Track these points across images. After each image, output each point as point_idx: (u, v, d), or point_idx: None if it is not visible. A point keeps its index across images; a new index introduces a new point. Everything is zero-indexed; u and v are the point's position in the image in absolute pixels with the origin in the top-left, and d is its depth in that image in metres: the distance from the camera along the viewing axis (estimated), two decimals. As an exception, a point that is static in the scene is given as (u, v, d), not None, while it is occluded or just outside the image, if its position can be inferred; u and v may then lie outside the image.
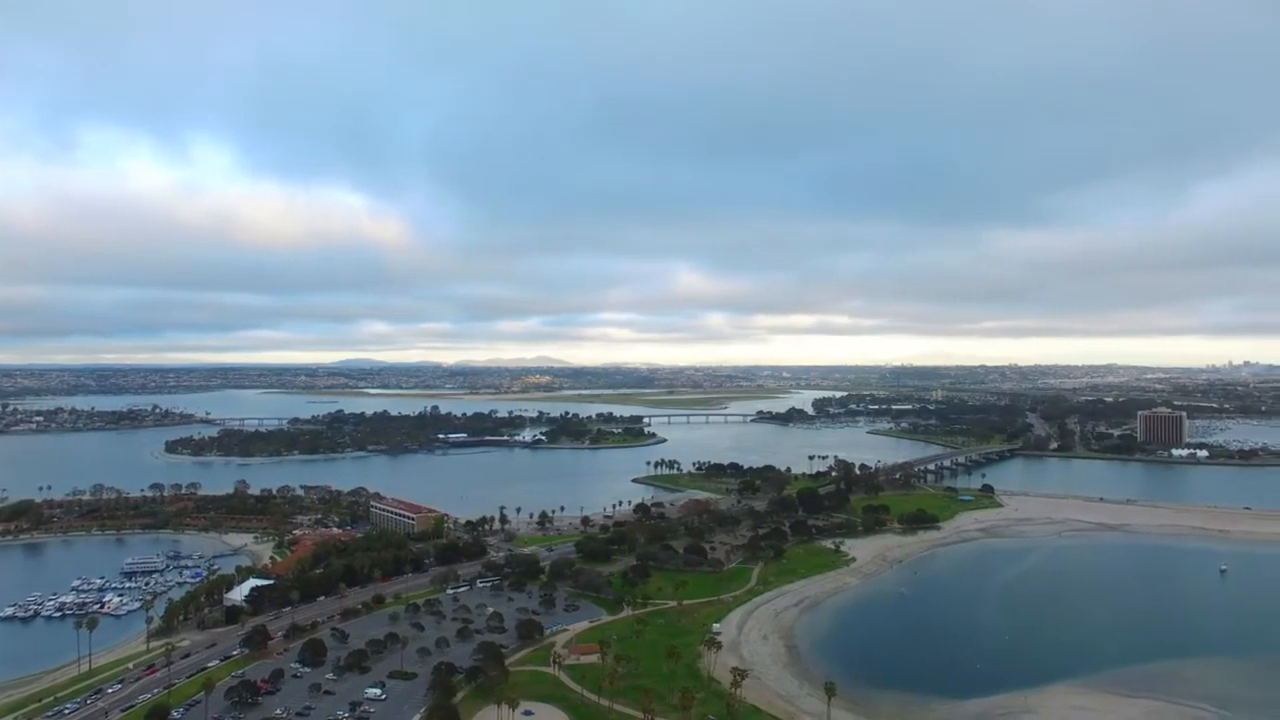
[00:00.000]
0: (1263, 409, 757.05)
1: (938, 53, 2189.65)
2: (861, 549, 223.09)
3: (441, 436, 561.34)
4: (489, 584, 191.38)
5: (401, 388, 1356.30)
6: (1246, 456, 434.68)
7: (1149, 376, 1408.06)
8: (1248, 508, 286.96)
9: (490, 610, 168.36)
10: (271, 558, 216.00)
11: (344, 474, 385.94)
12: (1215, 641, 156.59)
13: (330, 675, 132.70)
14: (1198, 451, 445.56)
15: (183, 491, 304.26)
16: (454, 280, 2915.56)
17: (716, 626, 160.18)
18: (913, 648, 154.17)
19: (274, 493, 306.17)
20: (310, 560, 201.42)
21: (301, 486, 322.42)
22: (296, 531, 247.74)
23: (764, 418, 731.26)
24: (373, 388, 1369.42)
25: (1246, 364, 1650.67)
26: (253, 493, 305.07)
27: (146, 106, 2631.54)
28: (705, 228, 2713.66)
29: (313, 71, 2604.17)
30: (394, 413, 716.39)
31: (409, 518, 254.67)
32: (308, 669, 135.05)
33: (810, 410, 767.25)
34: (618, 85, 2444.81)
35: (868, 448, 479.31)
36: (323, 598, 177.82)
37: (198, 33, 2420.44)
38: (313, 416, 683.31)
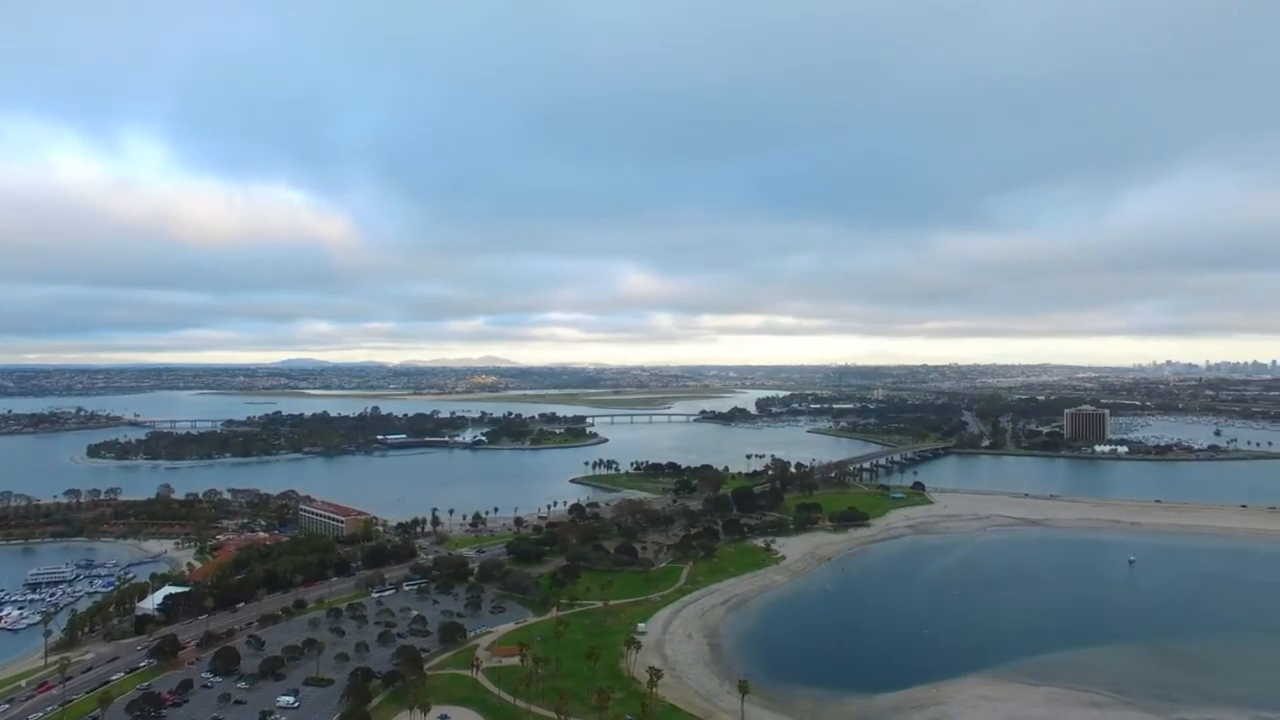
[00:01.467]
0: (1180, 406, 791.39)
1: (879, 58, 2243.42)
2: (792, 547, 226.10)
3: (380, 438, 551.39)
4: (415, 587, 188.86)
5: (344, 388, 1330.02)
6: (1162, 452, 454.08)
7: (1081, 376, 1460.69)
8: (1158, 500, 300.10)
9: (414, 613, 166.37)
10: (189, 564, 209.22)
11: (277, 477, 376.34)
12: (1119, 629, 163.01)
13: (242, 684, 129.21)
14: (1118, 447, 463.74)
15: (101, 497, 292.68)
16: (399, 279, 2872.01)
17: (642, 626, 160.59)
18: (834, 644, 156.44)
19: (200, 497, 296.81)
20: (232, 566, 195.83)
21: (229, 490, 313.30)
22: (220, 537, 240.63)
23: (707, 417, 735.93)
24: (314, 388, 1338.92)
25: (1169, 363, 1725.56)
26: (177, 497, 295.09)
27: (75, 97, 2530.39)
28: (651, 229, 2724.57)
29: (252, 66, 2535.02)
30: (334, 414, 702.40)
31: (338, 521, 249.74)
32: (219, 679, 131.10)
33: (753, 410, 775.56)
34: (563, 85, 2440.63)
35: (807, 446, 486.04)
36: (242, 604, 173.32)
37: (132, 23, 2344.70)
38: (249, 418, 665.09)
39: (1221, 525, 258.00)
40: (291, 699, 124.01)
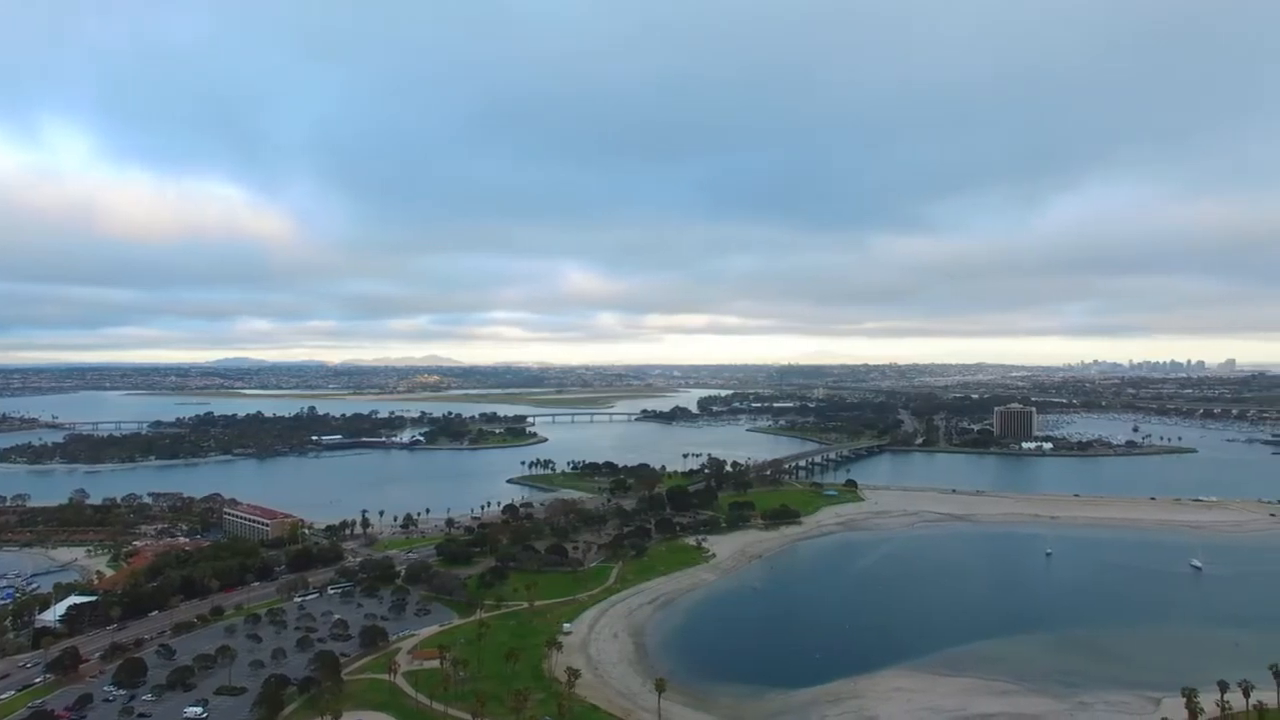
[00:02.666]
0: (1103, 404, 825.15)
1: (816, 63, 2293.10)
2: (724, 545, 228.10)
3: (315, 439, 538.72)
4: (340, 590, 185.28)
5: (282, 388, 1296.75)
6: (1084, 448, 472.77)
7: (1014, 375, 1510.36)
8: (1076, 495, 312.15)
9: (336, 617, 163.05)
10: (98, 572, 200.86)
11: (204, 480, 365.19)
12: (1032, 619, 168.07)
13: (148, 696, 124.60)
14: (1044, 444, 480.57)
15: (7, 504, 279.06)
16: (340, 277, 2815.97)
17: (568, 626, 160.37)
18: (758, 641, 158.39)
19: (118, 501, 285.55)
20: (146, 573, 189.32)
21: (149, 494, 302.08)
22: (137, 543, 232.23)
23: (648, 416, 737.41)
24: (251, 388, 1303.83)
25: (1096, 363, 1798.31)
26: (93, 503, 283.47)
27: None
28: (595, 228, 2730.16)
29: (184, 57, 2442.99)
30: (269, 414, 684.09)
31: (263, 524, 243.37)
32: (122, 691, 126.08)
33: (695, 409, 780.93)
34: (507, 83, 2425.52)
35: (746, 445, 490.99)
36: (155, 613, 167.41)
37: (54, 7, 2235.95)
38: (178, 419, 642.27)
39: (1131, 517, 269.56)
40: (200, 710, 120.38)
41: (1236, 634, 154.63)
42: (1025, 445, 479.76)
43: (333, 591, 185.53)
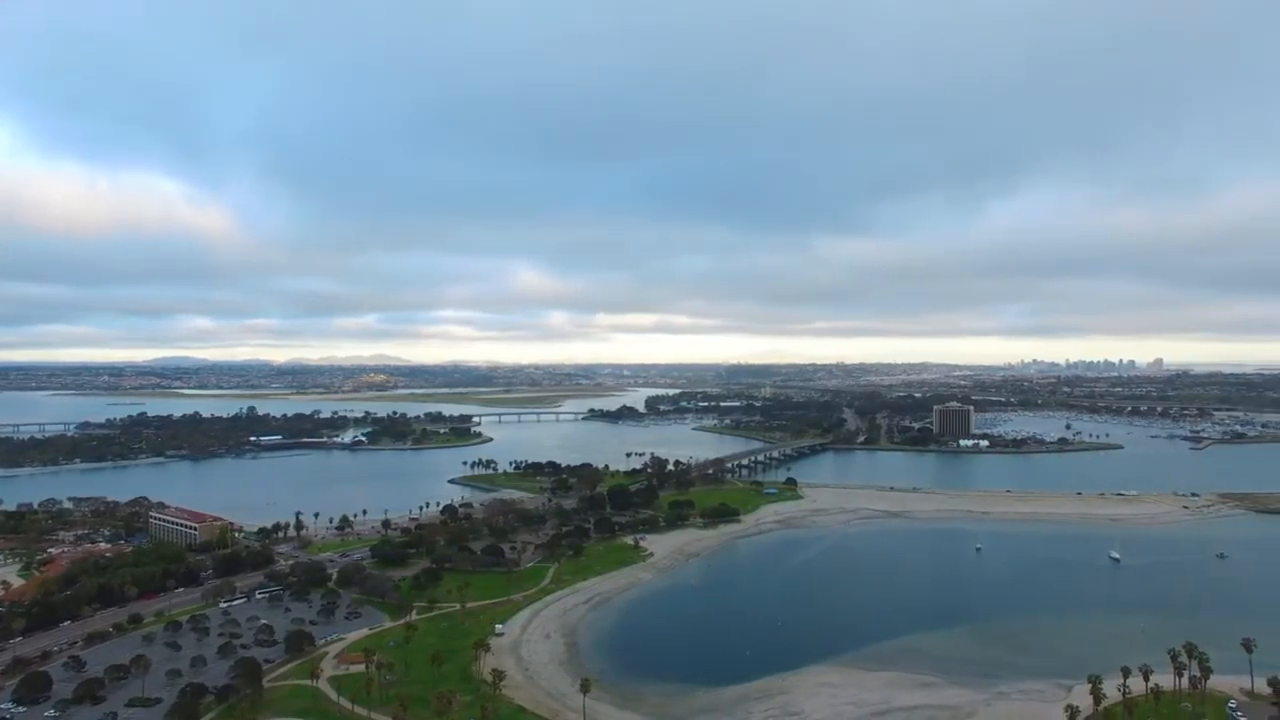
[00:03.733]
0: (1039, 402, 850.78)
1: (761, 66, 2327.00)
2: (661, 544, 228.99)
3: (253, 439, 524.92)
4: (268, 595, 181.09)
5: (222, 388, 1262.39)
6: (1018, 445, 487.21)
7: (957, 374, 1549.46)
8: (1008, 490, 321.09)
9: (262, 622, 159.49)
10: (3, 582, 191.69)
11: (133, 483, 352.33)
12: (958, 613, 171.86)
13: (51, 712, 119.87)
14: (980, 441, 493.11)
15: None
16: (285, 274, 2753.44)
17: (500, 627, 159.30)
18: (691, 639, 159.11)
19: (34, 507, 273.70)
20: (60, 581, 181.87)
21: (70, 499, 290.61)
22: (53, 550, 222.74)
23: (595, 416, 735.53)
24: (189, 388, 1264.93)
25: (1035, 362, 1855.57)
26: (6, 509, 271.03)
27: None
28: (544, 227, 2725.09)
29: (117, 46, 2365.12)
30: (207, 414, 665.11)
31: (191, 528, 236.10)
32: (23, 708, 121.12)
33: (642, 408, 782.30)
34: (453, 80, 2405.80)
35: (691, 444, 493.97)
36: (67, 623, 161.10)
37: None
38: (108, 420, 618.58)
39: (1058, 512, 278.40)
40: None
41: (1145, 621, 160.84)
42: (963, 443, 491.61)
43: (261, 596, 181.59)
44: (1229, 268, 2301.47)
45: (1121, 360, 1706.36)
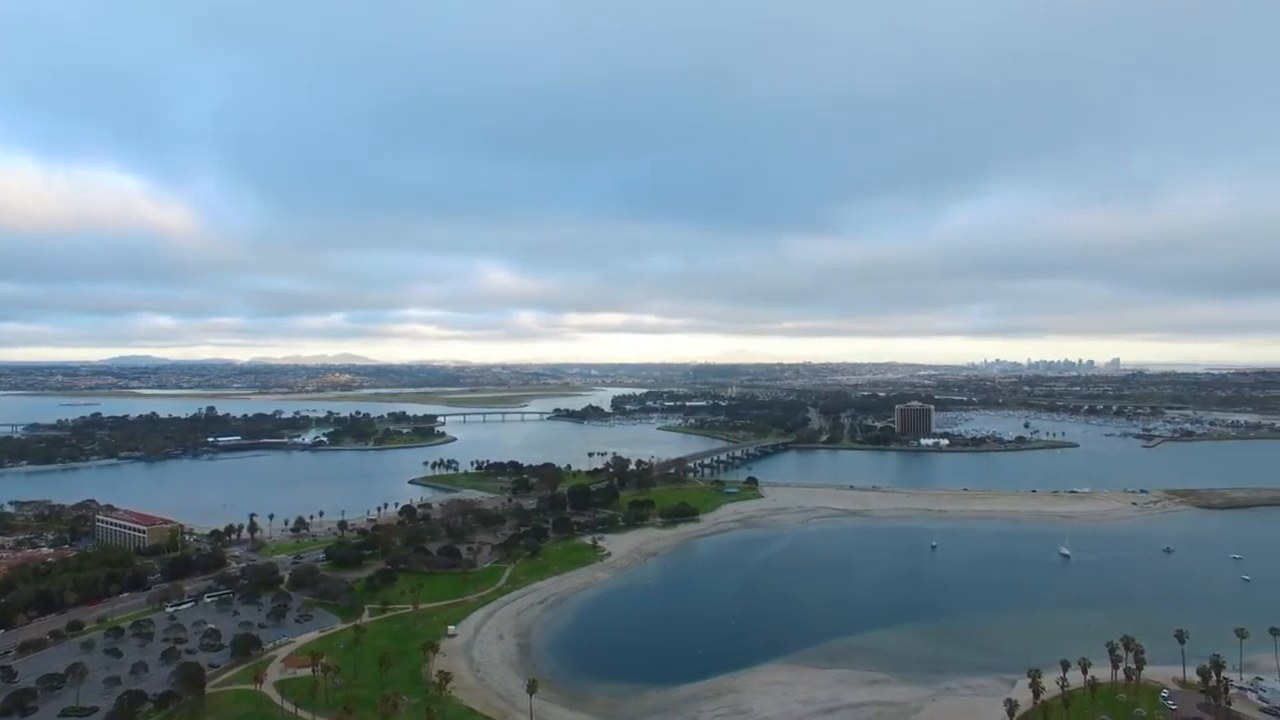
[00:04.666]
0: (1000, 401, 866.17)
1: (728, 68, 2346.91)
2: (620, 544, 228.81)
3: (211, 440, 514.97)
4: (216, 598, 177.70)
5: (182, 387, 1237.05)
6: (977, 444, 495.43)
7: (922, 373, 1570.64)
8: (965, 489, 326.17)
9: (209, 626, 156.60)
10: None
11: (82, 486, 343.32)
12: (911, 610, 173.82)
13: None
14: (940, 440, 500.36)
15: None
16: (248, 273, 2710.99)
17: (453, 628, 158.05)
18: (645, 638, 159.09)
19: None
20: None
21: (12, 503, 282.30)
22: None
23: (560, 415, 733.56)
24: (147, 388, 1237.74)
25: (998, 362, 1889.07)
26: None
27: None
28: (512, 226, 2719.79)
29: (72, 37, 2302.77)
30: (164, 415, 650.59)
31: (139, 531, 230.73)
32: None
33: (608, 408, 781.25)
34: (419, 78, 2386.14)
35: (655, 444, 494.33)
36: (1, 631, 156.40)
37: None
38: (60, 421, 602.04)
39: (1012, 509, 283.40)
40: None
41: (1091, 616, 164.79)
42: (924, 441, 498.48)
43: (209, 600, 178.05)
44: (1182, 270, 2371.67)
45: (1081, 360, 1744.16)
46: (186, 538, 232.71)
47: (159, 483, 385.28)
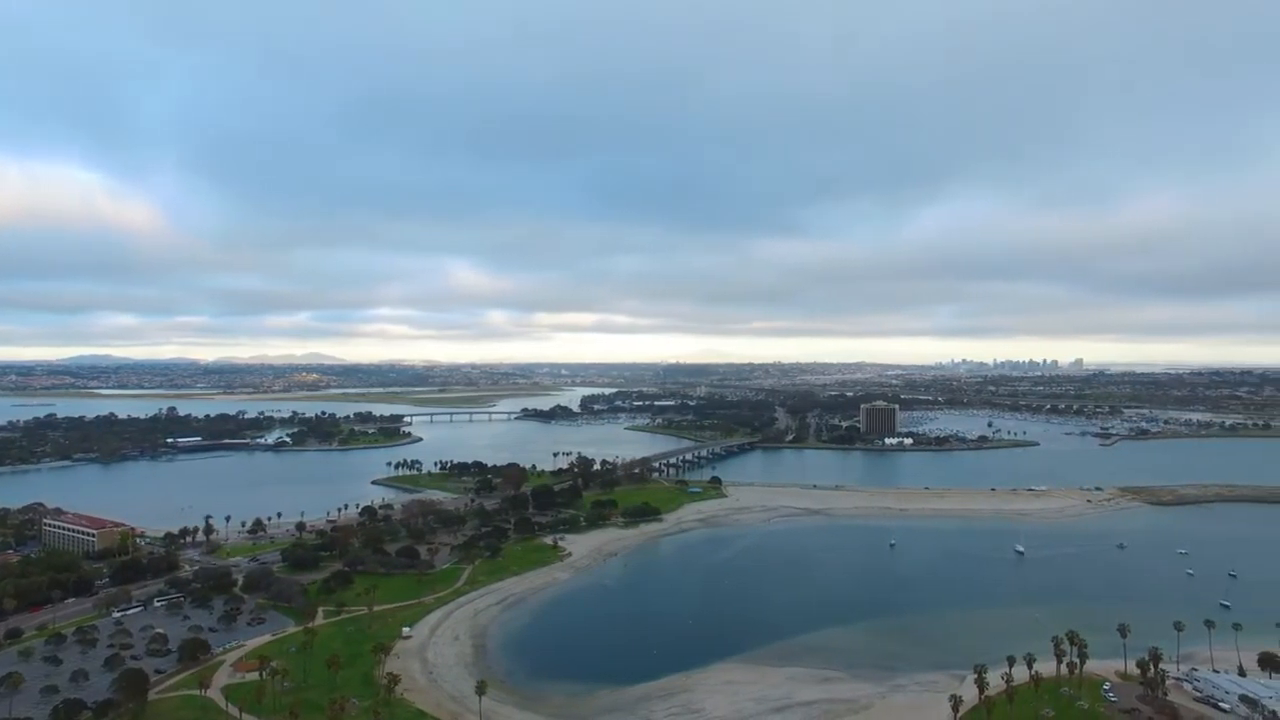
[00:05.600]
0: (965, 401, 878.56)
1: (695, 69, 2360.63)
2: (581, 544, 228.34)
3: (170, 441, 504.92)
4: (166, 602, 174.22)
5: (144, 387, 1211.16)
6: (940, 443, 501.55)
7: (890, 373, 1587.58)
8: (927, 487, 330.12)
9: (156, 631, 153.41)
10: None
11: (32, 488, 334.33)
12: (867, 608, 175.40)
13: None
14: (905, 439, 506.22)
15: None
16: (213, 271, 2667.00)
17: (408, 630, 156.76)
18: (601, 638, 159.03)
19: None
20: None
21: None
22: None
23: (529, 415, 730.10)
24: (107, 387, 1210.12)
25: (965, 361, 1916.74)
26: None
27: None
28: (481, 226, 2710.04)
29: (24, 31, 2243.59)
30: (123, 415, 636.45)
31: (89, 534, 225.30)
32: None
33: (577, 408, 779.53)
34: (385, 78, 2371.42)
35: (623, 443, 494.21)
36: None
37: None
38: (10, 422, 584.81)
39: (971, 508, 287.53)
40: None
41: (1041, 611, 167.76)
42: (888, 441, 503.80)
43: (159, 604, 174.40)
44: (1140, 273, 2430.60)
45: (1045, 360, 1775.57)
46: (139, 541, 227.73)
47: (114, 485, 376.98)
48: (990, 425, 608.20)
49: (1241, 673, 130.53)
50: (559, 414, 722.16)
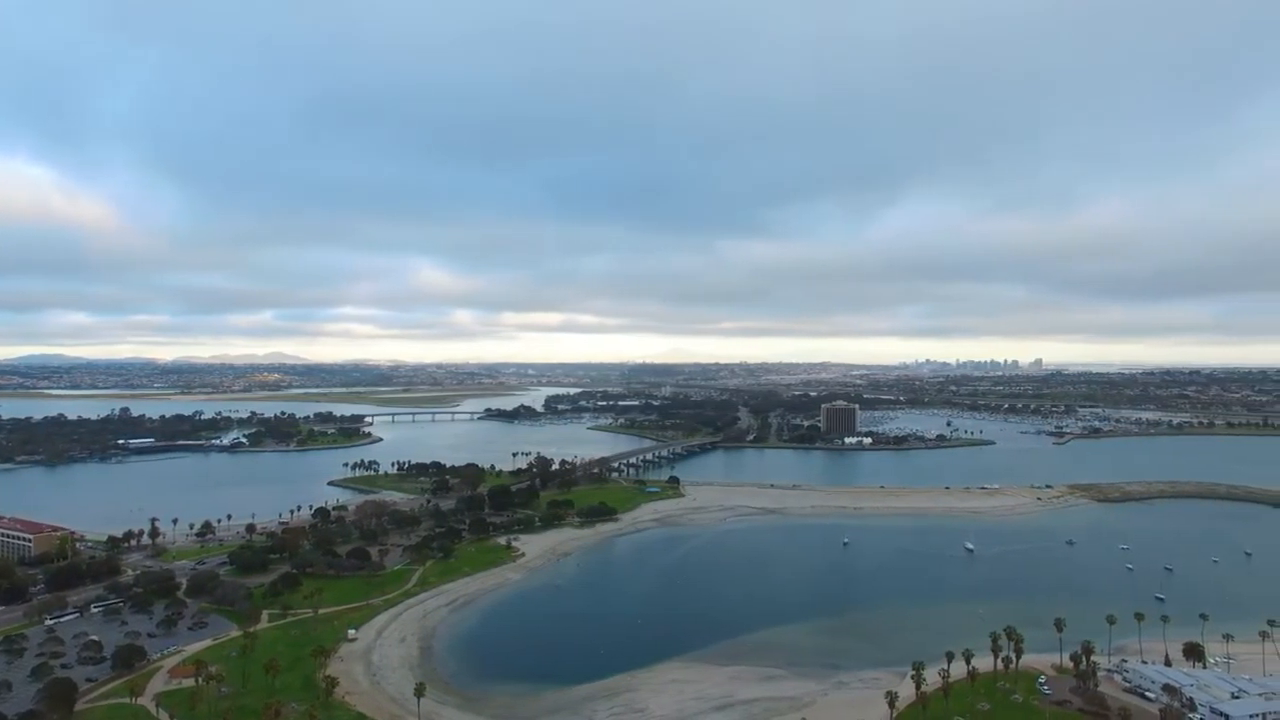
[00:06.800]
0: (926, 400, 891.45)
1: (663, 71, 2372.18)
2: (535, 544, 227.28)
3: (121, 442, 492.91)
4: (104, 608, 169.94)
5: (97, 387, 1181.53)
6: (899, 442, 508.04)
7: (855, 373, 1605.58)
8: (882, 486, 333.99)
9: (90, 638, 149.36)
10: None
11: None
12: (816, 606, 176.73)
13: None
14: (864, 439, 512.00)
15: None
16: (172, 269, 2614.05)
17: (353, 632, 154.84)
18: (549, 639, 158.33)
19: None
20: None
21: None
22: None
23: (491, 415, 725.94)
24: (58, 388, 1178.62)
25: (928, 362, 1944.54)
26: None
27: None
28: (445, 225, 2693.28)
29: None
30: (73, 416, 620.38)
31: (25, 539, 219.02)
32: None
33: (540, 408, 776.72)
34: (347, 76, 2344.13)
35: (584, 443, 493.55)
36: None
37: None
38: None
39: (924, 506, 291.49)
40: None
41: (986, 607, 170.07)
42: (848, 440, 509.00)
43: (96, 610, 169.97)
44: (1097, 276, 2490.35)
45: (1006, 360, 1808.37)
46: (79, 545, 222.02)
47: (58, 488, 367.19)
48: (949, 425, 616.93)
49: (1168, 663, 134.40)
50: (522, 414, 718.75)
